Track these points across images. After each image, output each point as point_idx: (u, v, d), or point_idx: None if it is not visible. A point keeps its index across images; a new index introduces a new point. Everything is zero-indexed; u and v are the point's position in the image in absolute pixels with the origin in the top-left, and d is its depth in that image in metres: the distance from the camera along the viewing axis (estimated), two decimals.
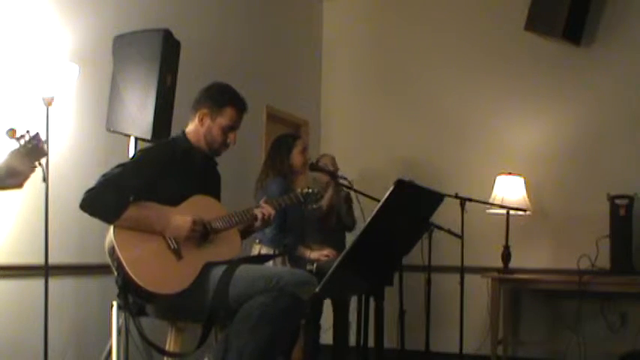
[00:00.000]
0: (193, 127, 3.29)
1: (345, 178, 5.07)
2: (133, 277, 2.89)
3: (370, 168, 6.67)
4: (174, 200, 3.12)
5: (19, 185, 2.75)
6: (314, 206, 3.72)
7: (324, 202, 5.47)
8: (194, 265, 3.05)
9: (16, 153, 2.72)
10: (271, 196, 4.34)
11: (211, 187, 3.37)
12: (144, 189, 3.06)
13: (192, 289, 2.99)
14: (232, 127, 3.25)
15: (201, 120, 3.26)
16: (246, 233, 3.44)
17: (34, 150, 2.74)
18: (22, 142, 2.73)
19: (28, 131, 2.75)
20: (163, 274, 2.98)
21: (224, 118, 3.24)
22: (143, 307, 3.14)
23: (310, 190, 3.63)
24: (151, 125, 3.95)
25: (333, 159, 5.61)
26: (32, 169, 2.77)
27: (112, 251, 2.97)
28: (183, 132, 3.32)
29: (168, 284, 2.96)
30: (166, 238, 3.04)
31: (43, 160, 2.85)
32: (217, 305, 2.97)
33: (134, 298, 3.01)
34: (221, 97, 3.27)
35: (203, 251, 3.10)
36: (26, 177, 2.75)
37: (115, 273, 2.97)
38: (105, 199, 2.98)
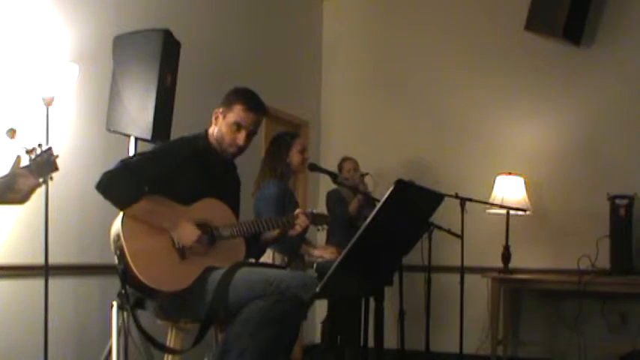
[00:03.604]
0: (212, 128, 3.32)
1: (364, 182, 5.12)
2: (133, 268, 2.89)
3: (370, 168, 6.66)
4: (188, 199, 3.12)
5: (21, 201, 2.63)
6: (321, 227, 3.76)
7: (352, 207, 5.52)
8: (196, 267, 3.05)
9: (22, 167, 2.60)
10: (269, 198, 4.35)
11: (228, 190, 3.37)
12: (159, 181, 3.06)
13: (192, 290, 2.99)
14: (240, 125, 3.24)
15: (216, 119, 3.30)
16: (256, 242, 3.45)
17: (44, 164, 2.63)
18: (33, 155, 2.61)
19: (40, 145, 2.65)
20: (164, 270, 2.98)
21: (232, 114, 3.24)
22: (142, 300, 3.13)
23: (316, 211, 3.65)
24: (150, 125, 3.95)
25: (355, 163, 5.67)
26: (38, 183, 2.62)
27: (116, 238, 2.96)
28: (206, 131, 3.33)
29: (166, 281, 2.96)
30: (173, 237, 3.05)
31: (54, 175, 2.67)
32: (217, 306, 2.96)
33: (132, 290, 3.01)
34: (233, 95, 3.31)
35: (207, 255, 3.11)
36: (29, 193, 2.62)
37: (117, 261, 2.96)
38: (121, 184, 2.98)
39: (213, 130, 3.29)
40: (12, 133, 2.65)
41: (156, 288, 2.93)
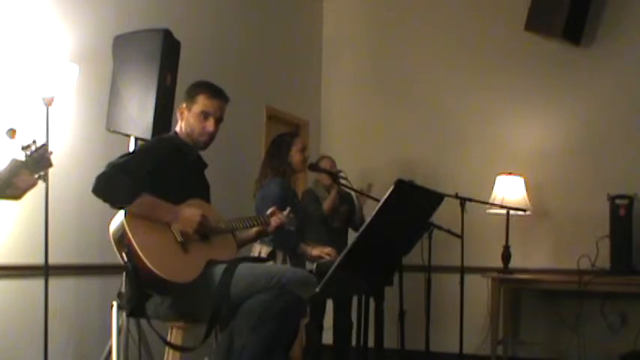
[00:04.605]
0: (179, 126, 3.37)
1: (345, 178, 5.08)
2: (147, 262, 2.90)
3: (370, 168, 6.67)
4: (175, 198, 3.13)
5: (17, 197, 2.68)
6: (291, 228, 3.82)
7: (326, 205, 5.47)
8: (199, 260, 3.08)
9: (19, 163, 2.64)
10: (272, 196, 4.36)
11: (204, 188, 3.43)
12: (151, 175, 3.08)
13: (196, 286, 3.00)
14: (207, 113, 3.30)
15: (181, 114, 3.35)
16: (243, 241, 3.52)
17: (39, 160, 2.66)
18: (29, 152, 2.64)
19: (34, 141, 2.67)
20: (173, 263, 3.00)
21: (197, 105, 3.31)
22: (143, 307, 3.13)
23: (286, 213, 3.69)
24: (150, 125, 3.95)
25: (332, 161, 5.61)
26: (34, 181, 2.67)
27: (121, 236, 2.97)
28: (175, 132, 3.39)
29: (178, 273, 2.98)
30: (173, 231, 3.07)
31: (50, 171, 2.73)
32: (219, 302, 2.97)
33: (141, 287, 3.00)
34: (193, 89, 3.37)
35: (207, 248, 3.14)
36: (25, 190, 2.67)
37: (125, 259, 2.96)
38: (118, 183, 3.00)
39: (181, 126, 3.35)
40: (12, 133, 2.66)
41: (170, 280, 2.93)
